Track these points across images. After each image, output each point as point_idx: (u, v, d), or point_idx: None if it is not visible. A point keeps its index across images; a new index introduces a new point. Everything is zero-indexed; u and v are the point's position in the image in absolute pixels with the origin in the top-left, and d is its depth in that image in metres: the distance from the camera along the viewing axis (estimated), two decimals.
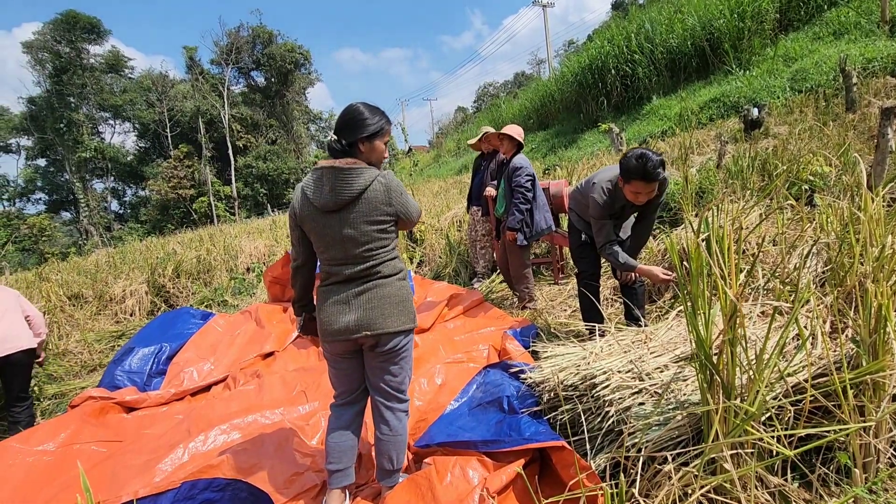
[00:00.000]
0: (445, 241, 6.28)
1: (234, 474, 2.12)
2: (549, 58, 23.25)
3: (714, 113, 8.47)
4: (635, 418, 1.77)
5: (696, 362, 1.64)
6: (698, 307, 1.61)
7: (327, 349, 1.96)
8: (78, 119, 30.53)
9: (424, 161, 25.78)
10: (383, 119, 1.89)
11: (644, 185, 2.45)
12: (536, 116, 16.01)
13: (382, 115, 1.89)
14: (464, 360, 3.15)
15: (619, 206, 2.74)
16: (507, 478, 1.88)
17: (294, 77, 33.41)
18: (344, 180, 1.78)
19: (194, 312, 4.71)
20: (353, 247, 1.82)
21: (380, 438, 1.99)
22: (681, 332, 2.17)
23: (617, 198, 2.69)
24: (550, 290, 4.72)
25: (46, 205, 33.67)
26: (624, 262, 2.71)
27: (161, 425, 2.95)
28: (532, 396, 2.24)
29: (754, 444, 1.55)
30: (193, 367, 3.76)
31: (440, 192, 11.63)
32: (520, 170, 3.96)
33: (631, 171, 2.46)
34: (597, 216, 2.73)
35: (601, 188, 2.69)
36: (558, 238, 4.82)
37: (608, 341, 2.23)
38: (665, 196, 2.78)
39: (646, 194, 2.51)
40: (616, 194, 2.68)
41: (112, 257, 9.75)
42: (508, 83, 41.25)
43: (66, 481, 2.36)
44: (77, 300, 6.73)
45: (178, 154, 30.16)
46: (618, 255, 2.71)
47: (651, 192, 2.51)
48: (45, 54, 29.36)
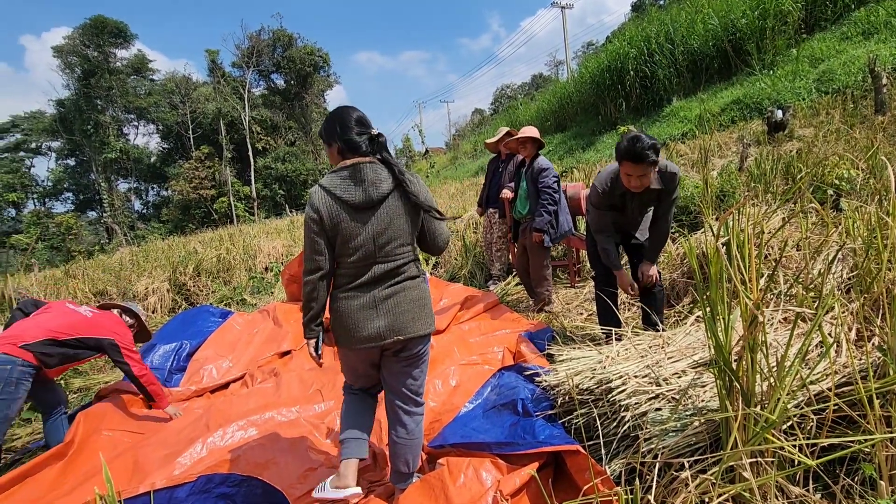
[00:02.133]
0: (461, 242, 6.29)
1: (249, 469, 2.16)
2: (567, 59, 23.11)
3: (736, 115, 8.31)
4: (652, 424, 1.75)
5: (715, 368, 1.61)
6: (718, 312, 1.59)
7: (350, 357, 1.92)
8: (104, 121, 31.38)
9: (441, 163, 25.83)
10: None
11: (633, 167, 2.46)
12: (554, 118, 15.91)
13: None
14: (478, 362, 3.15)
15: (619, 195, 2.75)
16: (521, 481, 1.88)
17: (313, 79, 33.80)
18: (379, 175, 1.80)
19: (214, 311, 4.80)
20: (385, 243, 1.81)
21: (396, 441, 1.99)
22: (699, 337, 2.14)
23: (616, 186, 2.71)
24: (567, 293, 4.68)
25: (74, 204, 34.72)
26: (609, 259, 2.85)
27: (181, 420, 3.01)
28: (547, 400, 2.23)
29: (775, 453, 1.51)
30: (212, 364, 3.84)
31: (457, 194, 11.66)
32: (546, 171, 3.97)
33: (621, 152, 2.50)
34: (594, 203, 2.82)
35: (605, 176, 2.77)
36: (575, 241, 4.79)
37: (625, 345, 2.21)
38: (678, 195, 2.73)
39: (637, 177, 2.51)
40: (617, 183, 2.71)
41: (135, 255, 10.00)
42: (526, 85, 41.13)
43: (92, 468, 2.43)
44: (102, 297, 6.91)
45: (199, 155, 30.77)
46: (608, 251, 2.82)
47: (642, 176, 2.50)
48: (74, 58, 30.25)
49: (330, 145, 1.88)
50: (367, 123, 1.87)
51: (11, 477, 2.36)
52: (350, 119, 1.85)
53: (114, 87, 31.19)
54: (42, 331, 2.75)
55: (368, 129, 1.86)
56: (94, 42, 30.31)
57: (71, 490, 2.25)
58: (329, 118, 1.90)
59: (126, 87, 32.23)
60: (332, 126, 1.86)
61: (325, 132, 1.90)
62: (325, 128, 1.89)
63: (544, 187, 3.93)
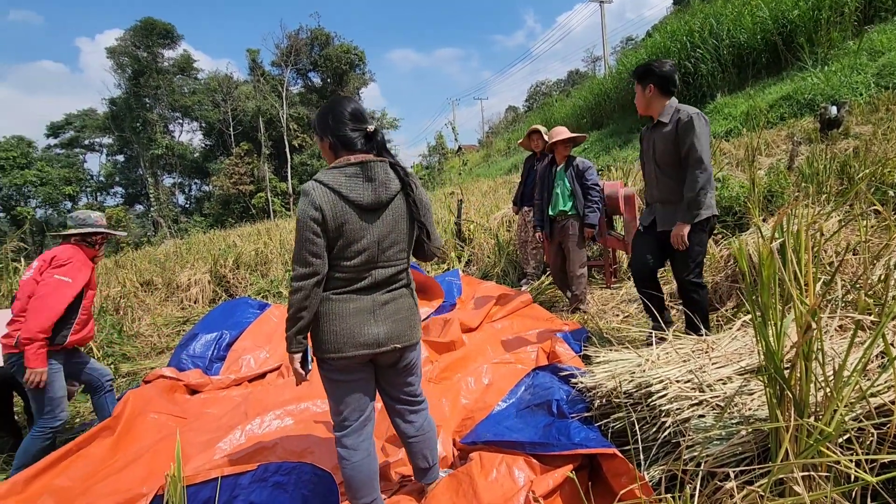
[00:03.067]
0: (494, 240, 6.25)
1: (287, 457, 2.21)
2: (605, 55, 22.60)
3: (786, 111, 7.92)
4: (694, 431, 1.69)
5: (765, 376, 1.54)
6: (769, 317, 1.52)
7: (340, 364, 1.69)
8: (152, 119, 32.86)
9: (474, 160, 25.77)
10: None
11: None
12: (590, 115, 15.61)
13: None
14: (511, 360, 3.13)
15: (645, 138, 2.96)
16: (555, 482, 1.85)
17: (349, 77, 34.32)
18: (388, 175, 1.68)
19: (252, 302, 4.94)
20: (388, 247, 1.69)
21: (410, 443, 1.93)
22: (746, 342, 2.05)
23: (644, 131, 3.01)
24: (602, 293, 4.59)
25: (123, 198, 36.59)
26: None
27: (221, 407, 3.12)
28: (582, 402, 2.19)
29: (830, 468, 1.43)
30: (250, 354, 3.95)
31: (489, 192, 11.60)
32: (590, 168, 4.10)
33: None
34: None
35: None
36: (612, 240, 4.68)
37: (665, 349, 2.14)
38: (693, 144, 2.59)
39: (637, 99, 2.87)
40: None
41: (179, 248, 10.43)
42: (562, 81, 40.47)
43: (141, 448, 2.54)
44: (148, 287, 7.24)
45: (239, 151, 31.80)
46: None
47: (638, 96, 2.85)
48: (125, 58, 31.82)
49: (322, 139, 1.73)
50: (363, 118, 1.71)
51: (64, 451, 2.48)
52: (345, 112, 1.69)
53: (161, 86, 32.62)
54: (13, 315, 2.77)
55: (364, 124, 1.71)
56: (144, 43, 31.77)
57: (122, 467, 2.36)
58: (322, 110, 1.75)
59: (172, 86, 33.65)
60: (324, 119, 1.71)
61: (317, 125, 1.74)
62: (318, 120, 1.73)
63: (592, 184, 4.04)
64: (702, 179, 2.58)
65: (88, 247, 2.96)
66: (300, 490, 1.82)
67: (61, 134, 35.53)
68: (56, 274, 2.68)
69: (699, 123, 2.61)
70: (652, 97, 2.79)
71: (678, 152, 2.69)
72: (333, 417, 1.80)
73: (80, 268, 2.77)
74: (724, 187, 4.73)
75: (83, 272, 2.78)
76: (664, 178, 2.81)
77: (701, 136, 2.60)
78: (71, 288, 2.69)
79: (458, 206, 7.36)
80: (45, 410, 2.66)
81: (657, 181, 2.86)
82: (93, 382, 3.00)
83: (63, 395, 2.74)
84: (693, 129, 2.60)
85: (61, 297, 2.64)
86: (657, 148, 2.82)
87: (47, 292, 2.62)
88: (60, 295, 2.64)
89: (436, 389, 2.94)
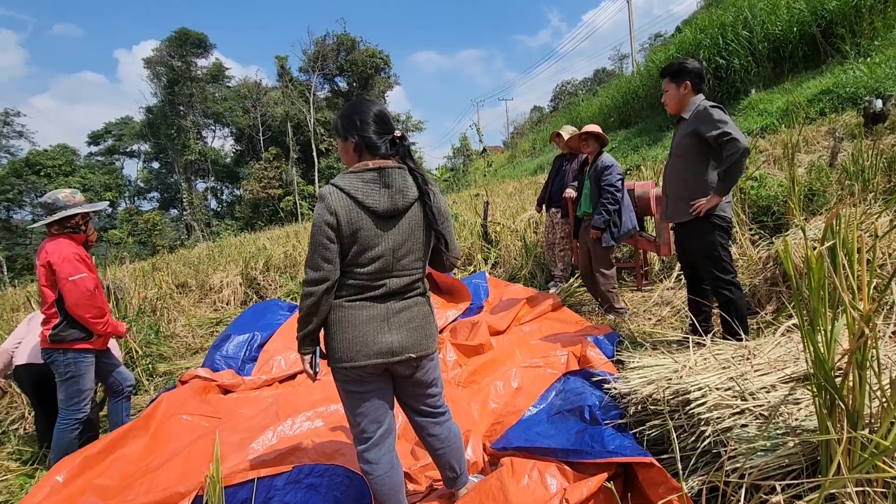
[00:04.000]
0: (521, 242, 6.19)
1: (319, 458, 2.23)
2: (632, 52, 22.17)
3: (826, 106, 7.60)
4: (737, 441, 1.62)
5: (814, 384, 1.46)
6: (818, 323, 1.44)
7: (353, 374, 1.65)
8: (186, 125, 33.96)
9: (499, 161, 25.65)
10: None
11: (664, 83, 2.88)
12: (618, 114, 15.35)
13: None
14: (541, 364, 3.08)
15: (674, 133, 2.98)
16: (589, 490, 1.80)
17: (374, 81, 34.69)
18: (406, 182, 1.65)
19: (282, 304, 5.03)
20: (403, 256, 1.65)
21: (435, 453, 1.90)
22: (791, 349, 1.96)
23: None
24: (633, 296, 4.48)
25: (158, 202, 37.94)
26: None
27: (253, 407, 3.18)
28: (616, 408, 2.13)
29: (887, 483, 1.35)
30: (281, 355, 4.01)
31: (515, 193, 11.51)
32: (610, 168, 3.87)
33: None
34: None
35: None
36: (643, 242, 4.58)
37: (703, 355, 2.07)
38: (719, 133, 2.59)
39: (665, 92, 2.89)
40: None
41: (211, 251, 10.73)
42: (588, 80, 39.92)
43: (176, 448, 2.61)
44: (183, 289, 7.47)
45: (268, 156, 32.54)
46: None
47: (665, 91, 2.87)
48: (161, 68, 32.97)
49: (346, 140, 1.67)
50: (389, 122, 1.69)
51: (101, 448, 2.57)
52: (371, 114, 1.66)
53: (194, 94, 33.69)
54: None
55: (391, 128, 1.68)
56: (178, 53, 32.88)
57: (159, 467, 2.42)
58: (348, 110, 1.70)
59: (205, 94, 34.71)
60: (350, 119, 1.66)
61: (342, 125, 1.68)
62: (343, 120, 1.68)
63: (607, 185, 3.84)
64: (737, 153, 2.56)
65: (73, 232, 2.77)
66: (332, 492, 1.83)
67: (101, 142, 37.13)
68: (71, 277, 2.64)
69: (717, 110, 2.67)
70: (686, 94, 2.81)
71: (694, 144, 2.74)
72: (352, 430, 1.76)
73: (75, 263, 2.66)
74: (761, 186, 4.56)
75: (82, 264, 2.70)
76: (675, 170, 2.89)
77: (723, 118, 2.63)
78: (88, 280, 2.69)
79: (485, 207, 7.33)
80: (72, 402, 2.75)
81: (670, 173, 2.93)
82: (114, 386, 3.05)
83: (91, 388, 2.83)
84: (712, 115, 2.64)
85: (83, 290, 2.66)
86: (675, 141, 2.90)
87: (76, 298, 2.63)
88: (82, 290, 2.65)
89: (465, 393, 2.93)
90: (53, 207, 2.71)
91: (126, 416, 3.06)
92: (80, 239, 2.83)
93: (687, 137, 2.76)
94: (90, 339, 2.79)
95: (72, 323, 2.73)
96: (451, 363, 3.36)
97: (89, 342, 2.79)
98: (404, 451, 2.41)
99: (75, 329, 2.73)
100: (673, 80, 2.81)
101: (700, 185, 2.75)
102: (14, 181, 31.96)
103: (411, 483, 2.22)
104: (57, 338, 2.71)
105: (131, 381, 3.15)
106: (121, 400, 3.08)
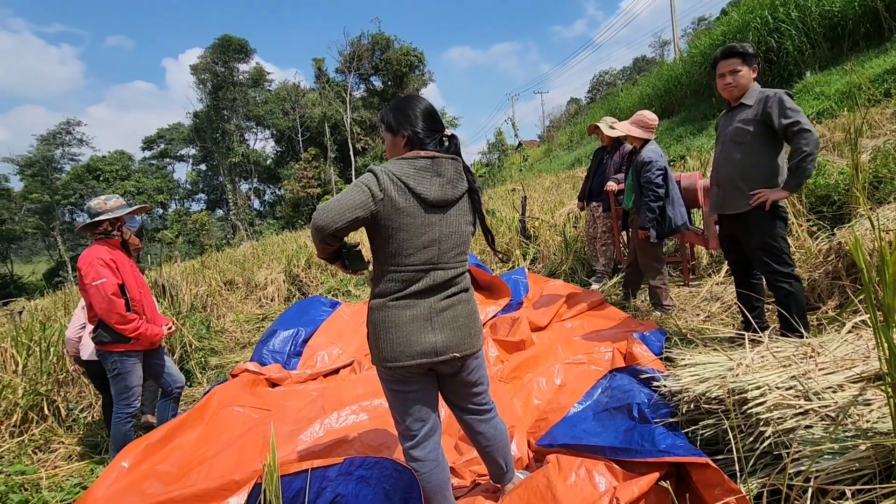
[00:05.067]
0: (560, 237, 6.09)
1: (366, 451, 2.28)
2: (674, 38, 21.32)
3: (892, 87, 7.04)
4: (801, 443, 1.54)
5: (888, 385, 1.37)
6: (892, 320, 1.35)
7: (397, 374, 1.65)
8: (229, 129, 35.32)
9: (534, 156, 25.31)
10: None
11: (724, 63, 2.74)
12: (659, 103, 14.78)
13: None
14: (584, 361, 3.02)
15: (723, 122, 2.90)
16: (640, 490, 1.76)
17: (409, 79, 34.92)
18: (459, 174, 1.67)
19: (324, 301, 5.16)
20: (450, 248, 1.64)
21: (484, 451, 1.89)
22: (859, 347, 1.84)
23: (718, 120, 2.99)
24: (680, 291, 4.33)
25: (205, 203, 39.68)
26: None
27: (299, 400, 3.27)
28: (666, 406, 2.07)
29: None
30: (324, 350, 4.12)
31: (552, 187, 11.34)
32: (649, 164, 3.67)
33: (712, 62, 2.85)
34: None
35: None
36: (690, 236, 4.41)
37: (761, 352, 1.97)
38: (790, 122, 2.48)
39: (729, 74, 2.71)
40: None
41: (256, 249, 11.12)
42: (627, 69, 38.77)
43: (229, 438, 2.72)
44: (230, 286, 7.78)
45: (307, 156, 33.40)
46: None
47: (734, 72, 2.69)
48: (206, 74, 34.39)
49: (397, 133, 1.66)
50: (439, 120, 1.71)
51: (161, 437, 2.71)
52: (424, 110, 1.67)
53: (237, 98, 34.96)
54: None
55: (442, 126, 1.70)
56: (222, 59, 34.20)
57: (214, 455, 2.54)
58: (402, 105, 1.69)
59: (247, 98, 35.96)
60: (403, 113, 1.66)
61: (394, 119, 1.67)
62: (395, 113, 1.67)
63: (646, 182, 3.66)
64: (809, 146, 2.45)
65: (104, 237, 2.83)
66: (382, 484, 1.86)
67: (154, 147, 39.15)
68: (93, 282, 2.70)
69: (790, 99, 2.55)
70: (753, 78, 2.72)
71: (759, 132, 2.63)
72: (397, 427, 1.76)
73: (98, 269, 2.70)
74: (819, 174, 4.29)
75: (106, 269, 2.73)
76: (730, 159, 2.75)
77: (796, 107, 2.53)
78: (108, 284, 2.71)
79: (522, 202, 7.25)
80: (122, 397, 2.87)
81: (723, 161, 2.81)
82: (164, 387, 3.16)
83: (138, 384, 2.93)
84: (785, 103, 2.53)
85: (103, 295, 2.69)
86: (730, 128, 2.75)
87: (97, 303, 2.70)
88: (102, 295, 2.69)
89: (507, 389, 2.91)
90: (90, 214, 2.82)
91: (171, 416, 3.14)
92: (115, 243, 2.88)
93: (750, 124, 2.64)
94: (129, 341, 2.83)
95: (105, 326, 2.79)
96: (492, 359, 3.35)
97: (128, 345, 2.84)
98: (448, 446, 2.43)
99: (113, 332, 2.79)
100: (745, 61, 2.68)
101: (760, 175, 2.64)
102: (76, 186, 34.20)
103: (456, 477, 2.23)
104: (98, 341, 2.82)
105: (181, 383, 3.24)
106: (169, 400, 3.19)
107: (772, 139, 2.62)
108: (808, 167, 2.50)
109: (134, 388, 2.91)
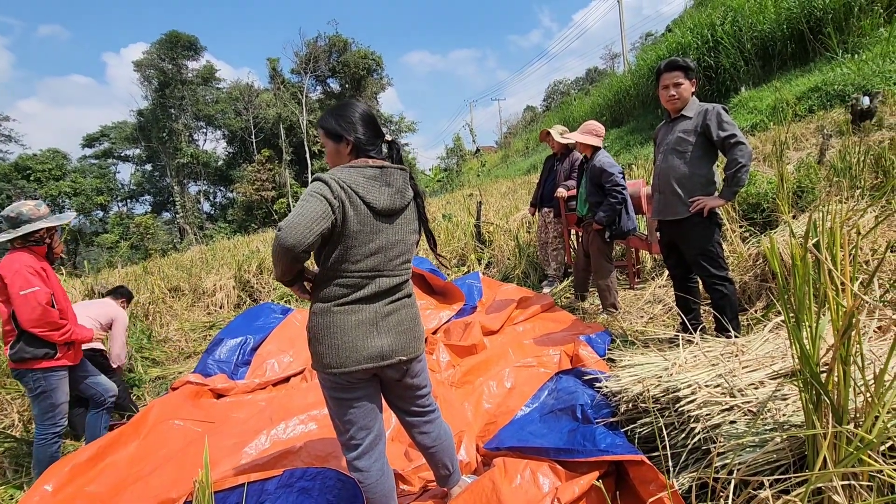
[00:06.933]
0: (514, 242, 6.21)
1: (312, 462, 2.23)
2: (623, 51, 22.28)
3: (814, 103, 7.67)
4: (725, 437, 1.63)
5: (800, 380, 1.48)
6: (803, 319, 1.46)
7: (342, 380, 1.61)
8: (177, 128, 33.72)
9: (492, 161, 25.70)
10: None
11: (667, 75, 2.83)
12: (609, 113, 15.42)
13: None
14: (534, 364, 3.09)
15: (662, 132, 3.04)
16: (580, 489, 1.81)
17: (367, 83, 34.59)
18: (406, 183, 1.68)
19: (275, 307, 5.01)
20: (395, 256, 1.65)
21: (428, 453, 1.90)
22: (779, 345, 1.98)
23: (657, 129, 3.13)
24: (625, 294, 4.50)
25: (151, 206, 37.65)
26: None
27: (246, 411, 3.16)
28: (608, 406, 2.14)
29: (872, 477, 1.37)
30: (275, 358, 4.00)
31: (508, 193, 11.54)
32: (607, 172, 3.78)
33: (656, 72, 2.95)
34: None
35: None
36: (635, 241, 4.60)
37: (693, 352, 2.08)
38: (727, 134, 2.66)
39: (672, 86, 2.81)
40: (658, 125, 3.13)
41: (204, 254, 10.66)
42: (580, 79, 40.02)
43: (168, 454, 2.59)
44: (175, 292, 7.41)
45: (260, 158, 32.36)
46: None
47: (677, 85, 2.80)
48: (151, 71, 32.72)
49: (341, 140, 1.64)
50: (378, 125, 1.71)
51: (91, 456, 2.54)
52: (366, 116, 1.67)
53: (185, 97, 33.46)
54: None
55: (381, 132, 1.71)
56: (169, 55, 32.64)
57: (150, 472, 2.41)
58: (343, 111, 1.67)
59: (196, 97, 34.47)
60: (347, 118, 1.64)
61: (338, 124, 1.64)
62: (340, 120, 1.64)
63: (611, 184, 3.76)
64: (744, 158, 2.63)
65: (35, 245, 2.68)
66: (325, 496, 1.83)
67: (96, 145, 36.81)
68: (22, 291, 2.53)
69: (726, 113, 2.73)
70: (693, 92, 2.88)
71: (698, 143, 2.78)
72: (340, 438, 1.71)
73: (27, 276, 2.55)
74: (750, 184, 4.59)
75: (36, 278, 2.58)
76: (671, 167, 2.89)
77: (731, 121, 2.70)
78: (41, 293, 2.56)
79: (478, 208, 7.34)
80: (47, 416, 2.66)
81: (664, 169, 2.95)
82: (95, 398, 2.96)
83: (65, 401, 2.73)
84: (723, 117, 2.70)
85: (34, 305, 2.54)
86: (671, 138, 2.90)
87: (26, 313, 2.52)
88: (33, 304, 2.53)
89: (458, 393, 2.93)
90: (17, 221, 2.62)
91: (103, 429, 2.96)
92: (41, 251, 2.73)
93: (691, 135, 2.79)
94: (54, 356, 2.65)
95: (30, 340, 2.59)
96: (444, 364, 3.36)
97: (55, 360, 2.65)
98: (398, 453, 2.42)
99: (36, 346, 2.60)
100: (686, 75, 2.83)
101: (698, 183, 2.80)
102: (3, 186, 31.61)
103: (404, 484, 2.22)
104: (18, 358, 2.60)
105: (113, 392, 3.05)
106: (101, 411, 2.99)
107: (709, 150, 2.79)
108: (742, 177, 2.67)
109: (61, 405, 2.72)
